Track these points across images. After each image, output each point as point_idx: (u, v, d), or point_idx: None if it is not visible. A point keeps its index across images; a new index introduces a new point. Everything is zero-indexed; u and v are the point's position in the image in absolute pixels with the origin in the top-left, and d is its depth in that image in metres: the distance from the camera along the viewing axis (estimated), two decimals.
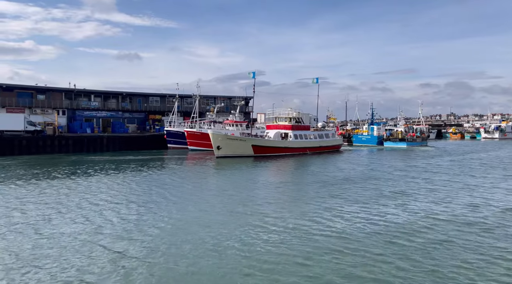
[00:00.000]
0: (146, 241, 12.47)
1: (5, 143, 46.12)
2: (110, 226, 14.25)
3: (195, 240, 12.58)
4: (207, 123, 61.72)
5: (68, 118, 61.21)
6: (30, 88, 60.02)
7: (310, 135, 52.37)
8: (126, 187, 23.04)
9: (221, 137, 42.83)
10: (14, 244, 12.13)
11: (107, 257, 11.01)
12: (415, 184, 24.52)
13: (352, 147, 66.70)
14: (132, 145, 55.97)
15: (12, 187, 22.75)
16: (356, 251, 11.47)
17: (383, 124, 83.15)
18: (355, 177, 27.83)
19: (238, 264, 10.52)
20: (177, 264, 10.56)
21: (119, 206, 17.62)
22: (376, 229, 13.81)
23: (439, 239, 12.65)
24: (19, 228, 13.89)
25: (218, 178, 28.71)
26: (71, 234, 13.21)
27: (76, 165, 36.04)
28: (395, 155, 49.37)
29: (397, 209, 17.02)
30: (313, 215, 15.84)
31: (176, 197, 19.87)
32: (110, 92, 68.39)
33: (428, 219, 15.31)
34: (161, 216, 15.69)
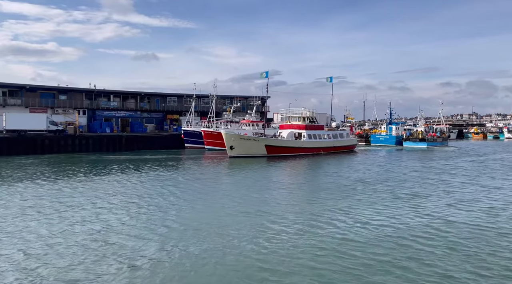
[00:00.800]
0: (156, 240, 12.71)
1: (29, 142, 47.57)
2: (121, 224, 14.58)
3: (205, 241, 12.76)
4: (223, 123, 62.17)
5: (88, 118, 62.64)
6: (52, 89, 61.70)
7: (324, 135, 51.79)
8: (140, 186, 23.48)
9: (234, 137, 42.75)
10: (28, 240, 12.57)
11: (117, 255, 11.30)
12: (432, 186, 24.12)
13: (370, 147, 65.96)
14: (150, 144, 56.84)
15: (34, 185, 23.50)
16: (367, 255, 11.41)
17: (402, 124, 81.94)
18: (370, 178, 27.56)
19: (249, 267, 10.63)
20: (186, 264, 10.75)
21: (132, 204, 18.00)
22: (389, 232, 13.70)
23: (452, 244, 12.46)
24: (36, 224, 14.37)
25: (230, 178, 28.83)
26: (82, 231, 13.58)
27: (95, 164, 36.88)
28: (414, 156, 48.61)
29: (411, 212, 16.80)
30: (325, 217, 15.80)
31: (187, 197, 20.11)
32: (128, 92, 69.65)
33: (443, 222, 15.08)
34: (172, 215, 15.91)
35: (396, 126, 74.68)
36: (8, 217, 15.66)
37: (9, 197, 19.84)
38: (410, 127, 78.03)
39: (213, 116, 60.70)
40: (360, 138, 75.72)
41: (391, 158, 46.42)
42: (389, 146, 68.00)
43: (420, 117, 79.53)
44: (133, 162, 37.84)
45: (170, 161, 39.06)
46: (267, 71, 49.12)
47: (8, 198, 19.72)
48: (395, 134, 71.36)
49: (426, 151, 56.91)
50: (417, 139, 67.82)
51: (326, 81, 60.28)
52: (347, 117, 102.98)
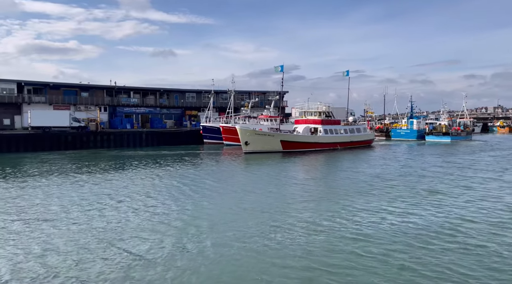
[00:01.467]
0: (170, 235, 12.93)
1: (53, 138, 48.92)
2: (137, 219, 14.89)
3: (219, 237, 12.89)
4: (241, 118, 62.31)
5: (109, 114, 63.87)
6: (74, 86, 63.17)
7: (341, 130, 50.92)
8: (158, 181, 23.86)
9: (249, 133, 42.38)
10: (50, 233, 12.99)
11: (129, 250, 11.56)
12: (453, 181, 23.59)
13: (390, 142, 64.90)
14: (170, 140, 57.56)
15: (58, 180, 24.21)
16: (381, 254, 11.29)
17: (424, 117, 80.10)
18: (388, 174, 27.17)
19: (262, 263, 10.69)
20: (199, 259, 10.90)
21: (149, 199, 18.34)
22: (406, 229, 13.51)
23: (469, 243, 12.19)
24: (59, 218, 14.83)
25: (246, 174, 28.84)
26: (97, 227, 13.94)
27: (116, 159, 37.66)
28: (436, 150, 47.55)
29: (430, 209, 16.49)
30: (341, 214, 15.69)
31: (202, 193, 20.29)
32: (148, 89, 70.62)
33: (462, 220, 14.76)
34: (185, 211, 16.08)
35: (418, 120, 73.11)
36: (31, 211, 16.21)
37: (35, 192, 20.52)
38: (432, 121, 76.30)
39: (231, 112, 60.90)
40: (380, 132, 74.55)
41: (412, 152, 45.58)
42: (410, 140, 66.70)
43: (444, 111, 77.56)
44: (153, 158, 38.43)
45: (188, 157, 39.49)
46: (282, 65, 48.16)
47: (33, 192, 20.40)
48: (417, 128, 69.89)
49: (450, 145, 55.61)
50: (441, 133, 66.33)
51: (342, 75, 59.49)
52: (367, 111, 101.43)
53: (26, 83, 58.68)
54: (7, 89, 56.20)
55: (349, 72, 58.86)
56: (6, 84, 56.63)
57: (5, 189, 21.63)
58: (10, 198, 19.00)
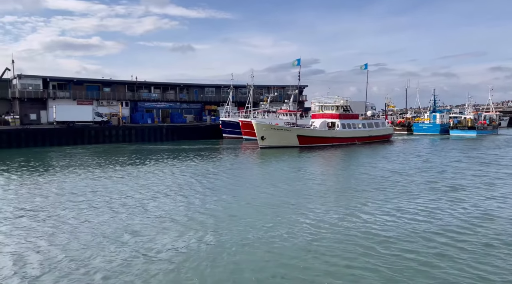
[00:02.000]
0: (185, 230, 13.14)
1: (77, 133, 50.24)
2: (156, 212, 15.19)
3: (237, 233, 13.02)
4: (261, 112, 62.32)
5: (130, 109, 64.99)
6: (97, 82, 64.52)
7: (359, 124, 50.05)
8: (177, 175, 24.22)
9: (265, 127, 41.97)
10: (76, 225, 13.42)
11: (144, 246, 11.82)
12: (476, 177, 23.02)
13: (412, 136, 63.70)
14: (190, 134, 58.18)
15: (83, 173, 24.94)
16: (399, 252, 11.18)
17: (447, 111, 78.14)
18: (409, 169, 26.72)
19: (277, 260, 10.76)
20: (218, 255, 11.06)
21: (168, 193, 18.67)
22: (424, 228, 13.31)
23: (489, 242, 11.91)
24: (83, 209, 15.30)
25: (261, 169, 28.78)
26: (115, 218, 14.30)
27: (136, 153, 38.38)
28: (461, 145, 46.34)
29: (449, 207, 16.17)
30: (359, 211, 15.55)
31: (218, 188, 20.45)
32: (168, 84, 71.43)
33: (483, 218, 14.43)
34: (199, 207, 16.26)
35: (441, 114, 71.42)
36: (58, 204, 16.76)
37: (61, 185, 21.21)
38: (456, 114, 74.39)
39: (250, 106, 60.99)
40: (402, 127, 73.24)
41: (434, 147, 44.60)
42: (433, 135, 65.27)
43: (469, 104, 75.39)
44: (172, 152, 38.99)
45: (206, 151, 39.78)
46: (299, 59, 47.35)
47: (60, 185, 21.08)
48: (440, 122, 68.30)
49: (475, 140, 54.11)
50: (466, 127, 64.62)
51: (360, 69, 58.00)
52: (388, 105, 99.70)
53: (51, 79, 60.29)
54: (33, 85, 57.91)
55: (369, 65, 57.85)
56: (32, 80, 58.34)
57: (32, 182, 22.42)
58: (37, 191, 19.70)
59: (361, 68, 57.47)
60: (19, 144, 44.99)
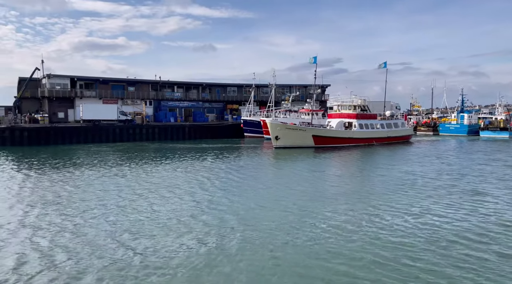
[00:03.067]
0: (190, 232, 13.20)
1: (102, 131, 51.49)
2: (174, 209, 15.34)
3: (239, 236, 12.97)
4: (282, 112, 62.12)
5: (154, 108, 66.10)
6: (122, 81, 65.91)
7: (377, 125, 48.40)
8: (189, 174, 24.36)
9: (279, 127, 41.03)
10: (101, 219, 13.73)
11: (155, 245, 11.93)
12: (501, 182, 22.16)
13: (438, 137, 61.96)
14: (212, 133, 58.65)
15: (110, 170, 25.55)
16: (408, 259, 10.84)
17: (476, 112, 75.67)
18: (429, 174, 25.97)
19: (286, 263, 10.65)
20: (216, 259, 11.05)
21: (174, 193, 18.85)
22: (440, 234, 12.90)
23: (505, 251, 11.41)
24: (107, 205, 15.65)
25: (275, 170, 28.16)
26: (128, 217, 14.53)
27: (158, 152, 39.01)
28: (492, 147, 44.52)
29: (467, 213, 15.57)
30: (375, 216, 15.17)
31: (228, 188, 20.34)
32: (191, 83, 72.23)
33: (501, 224, 13.85)
34: (210, 208, 16.12)
35: (469, 114, 69.14)
36: (72, 199, 17.22)
37: (91, 182, 21.79)
38: (485, 115, 71.90)
39: (272, 106, 60.88)
40: (427, 127, 71.42)
41: (461, 149, 43.18)
42: (461, 136, 63.26)
43: (500, 104, 72.64)
44: (192, 151, 39.29)
45: (224, 151, 39.59)
46: (315, 57, 46.57)
47: (90, 183, 21.66)
48: (467, 123, 66.11)
49: (507, 142, 52.04)
50: (498, 128, 62.30)
51: (378, 67, 56.04)
52: (414, 105, 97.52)
53: (78, 78, 62.06)
54: (61, 84, 59.78)
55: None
56: (61, 80, 60.24)
57: (64, 178, 23.13)
58: (51, 186, 20.30)
59: (380, 66, 55.67)
60: (47, 142, 46.49)
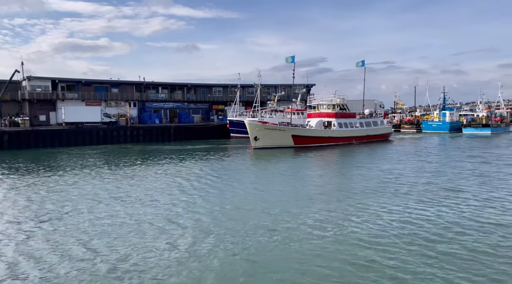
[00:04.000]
0: (165, 236, 13.07)
1: (85, 133, 50.58)
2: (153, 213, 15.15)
3: (207, 240, 12.88)
4: (268, 112, 62.18)
5: (138, 109, 65.30)
6: (105, 83, 64.95)
7: (356, 123, 48.72)
8: (167, 176, 24.08)
9: (258, 127, 40.57)
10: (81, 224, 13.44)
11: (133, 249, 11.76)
12: (484, 179, 22.62)
13: (421, 135, 62.95)
14: (197, 134, 58.26)
15: (91, 174, 25.07)
16: (388, 259, 10.92)
17: (457, 109, 77.07)
18: (409, 171, 26.33)
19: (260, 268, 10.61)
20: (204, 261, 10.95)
21: (163, 194, 18.66)
22: (418, 232, 13.07)
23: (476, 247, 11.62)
24: (93, 210, 15.34)
25: (254, 172, 27.40)
26: (115, 221, 14.30)
27: (145, 154, 38.53)
28: (471, 143, 45.47)
29: (444, 210, 15.50)
30: (349, 216, 15.00)
31: (206, 190, 20.03)
32: (176, 84, 71.64)
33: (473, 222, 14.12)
34: (186, 210, 15.92)
35: (450, 111, 70.44)
36: (53, 203, 16.84)
37: (68, 186, 21.32)
38: (466, 112, 73.39)
39: (258, 106, 60.87)
40: (410, 125, 72.54)
41: (442, 146, 43.98)
42: (443, 133, 64.43)
43: (482, 102, 74.17)
44: (175, 153, 38.82)
45: (208, 152, 38.90)
46: (293, 56, 46.50)
47: (66, 187, 21.20)
48: (449, 120, 67.39)
49: (490, 138, 53.06)
50: (480, 125, 63.63)
51: (356, 66, 55.57)
52: (397, 103, 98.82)
53: (60, 80, 60.83)
54: (42, 86, 58.53)
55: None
56: (42, 82, 58.96)
57: (40, 183, 22.58)
58: (36, 191, 19.83)
59: (358, 65, 55.43)
60: (28, 145, 45.44)
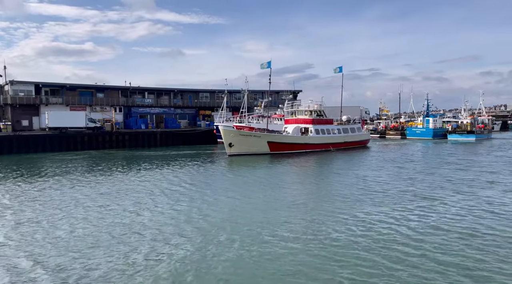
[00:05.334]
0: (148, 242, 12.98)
1: (70, 139, 49.81)
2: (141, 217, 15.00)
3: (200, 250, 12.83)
4: (255, 117, 62.30)
5: (124, 114, 64.71)
6: (90, 87, 64.24)
7: (334, 130, 48.16)
8: (144, 183, 23.95)
9: (233, 133, 39.74)
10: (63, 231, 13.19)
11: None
12: (460, 185, 23.06)
13: (405, 141, 63.89)
14: (184, 140, 58.00)
15: (73, 180, 24.65)
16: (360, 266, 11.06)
17: (440, 116, 78.52)
18: (385, 179, 26.69)
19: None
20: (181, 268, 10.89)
21: (146, 200, 18.50)
22: (386, 237, 13.25)
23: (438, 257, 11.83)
24: (78, 216, 15.07)
25: (228, 179, 26.32)
26: (99, 226, 14.11)
27: (129, 160, 38.12)
28: (457, 149, 46.26)
29: (419, 217, 16.04)
30: (322, 223, 15.14)
31: (182, 197, 20.03)
32: (162, 89, 71.29)
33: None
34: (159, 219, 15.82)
35: (434, 118, 71.73)
36: (35, 210, 16.52)
37: (43, 192, 20.92)
38: (449, 119, 74.79)
39: (245, 111, 60.93)
40: (395, 131, 73.54)
41: (428, 152, 44.68)
42: (426, 139, 65.53)
43: (465, 108, 75.65)
44: (161, 159, 38.50)
45: (194, 158, 38.76)
46: (270, 61, 46.65)
47: (43, 193, 20.80)
48: (433, 126, 68.62)
49: (473, 144, 54.10)
50: (465, 132, 64.90)
51: (334, 72, 55.40)
52: (383, 110, 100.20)
53: (43, 84, 59.93)
54: (25, 91, 57.51)
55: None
56: (25, 86, 57.97)
57: (21, 189, 22.11)
58: (22, 198, 19.41)
59: (335, 71, 55.04)
60: (10, 151, 44.56)
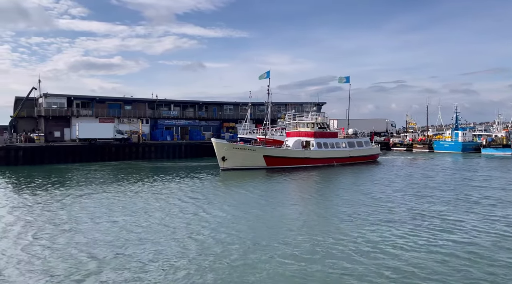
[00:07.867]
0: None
1: (98, 150, 51.35)
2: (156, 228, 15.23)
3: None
4: (278, 130, 62.35)
5: (150, 126, 66.20)
6: (118, 100, 66.15)
7: (338, 144, 45.44)
8: (167, 197, 24.30)
9: (226, 147, 38.28)
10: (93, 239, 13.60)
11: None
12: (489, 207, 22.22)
13: (433, 154, 62.25)
14: (208, 151, 58.48)
15: (103, 190, 25.42)
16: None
17: (470, 129, 76.16)
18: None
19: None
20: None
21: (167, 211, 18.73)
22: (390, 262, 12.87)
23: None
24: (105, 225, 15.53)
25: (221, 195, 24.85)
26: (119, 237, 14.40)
27: (155, 171, 38.87)
28: (494, 164, 44.60)
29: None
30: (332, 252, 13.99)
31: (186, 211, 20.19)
32: (188, 102, 72.62)
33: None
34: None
35: (463, 131, 69.66)
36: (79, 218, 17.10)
37: (77, 201, 21.66)
38: (481, 132, 72.43)
39: (268, 123, 61.12)
40: (422, 144, 71.84)
41: (456, 168, 43.35)
42: (455, 153, 63.58)
43: (498, 122, 73.12)
44: (184, 170, 39.14)
45: (214, 170, 38.67)
46: (268, 71, 46.08)
47: (77, 202, 21.53)
48: (462, 140, 66.59)
49: (509, 159, 52.14)
50: (500, 145, 62.61)
51: (339, 81, 53.14)
52: (409, 122, 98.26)
53: (75, 97, 62.21)
54: (58, 103, 59.90)
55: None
56: (57, 99, 60.38)
57: (50, 199, 22.98)
58: (53, 206, 20.15)
59: (341, 80, 52.94)
60: (42, 161, 46.25)
